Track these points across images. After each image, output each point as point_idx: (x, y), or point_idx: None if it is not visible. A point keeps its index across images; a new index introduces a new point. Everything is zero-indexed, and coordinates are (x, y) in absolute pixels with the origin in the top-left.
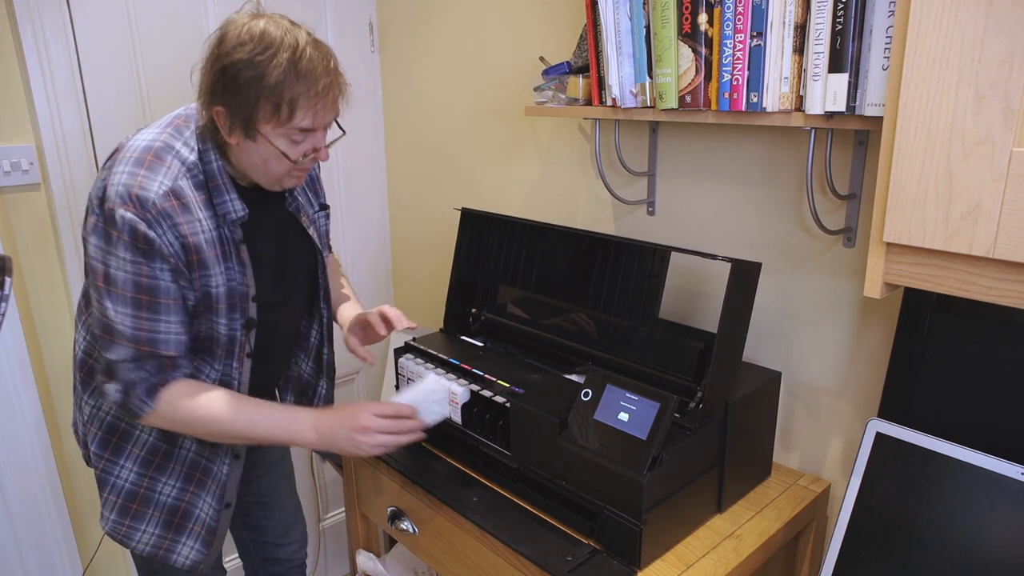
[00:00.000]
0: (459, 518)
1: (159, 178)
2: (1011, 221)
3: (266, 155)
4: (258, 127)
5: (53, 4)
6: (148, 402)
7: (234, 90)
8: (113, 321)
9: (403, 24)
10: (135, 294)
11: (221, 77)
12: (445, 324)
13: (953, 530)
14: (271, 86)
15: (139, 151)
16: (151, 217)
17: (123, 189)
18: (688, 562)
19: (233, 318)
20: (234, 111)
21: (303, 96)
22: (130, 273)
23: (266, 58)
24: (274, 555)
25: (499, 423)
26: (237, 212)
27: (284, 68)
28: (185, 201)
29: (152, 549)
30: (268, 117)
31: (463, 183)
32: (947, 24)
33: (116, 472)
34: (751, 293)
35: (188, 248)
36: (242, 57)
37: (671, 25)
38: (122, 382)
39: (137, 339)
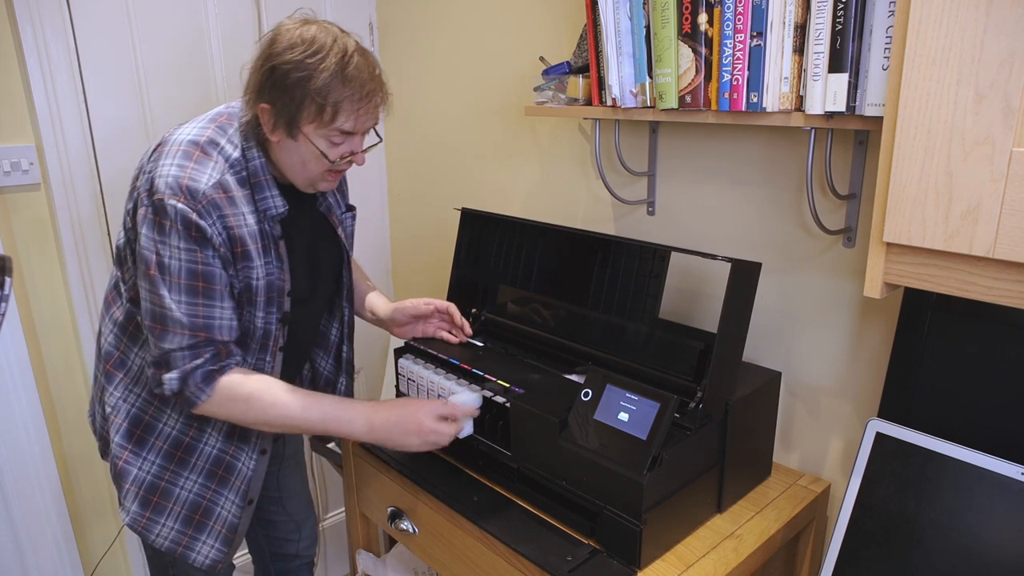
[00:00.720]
0: (459, 518)
1: (207, 171)
2: (1011, 221)
3: (305, 155)
4: (301, 126)
5: (53, 4)
6: (206, 389)
7: (281, 89)
8: (169, 309)
9: (403, 24)
10: (190, 281)
11: (270, 76)
12: None
13: (953, 530)
14: (318, 88)
15: (185, 144)
16: (201, 208)
17: (173, 180)
18: (688, 562)
19: (270, 311)
20: (279, 109)
21: (347, 100)
22: (184, 261)
23: (315, 61)
24: (285, 551)
25: (499, 423)
26: (278, 208)
27: (332, 72)
28: (231, 194)
29: (171, 544)
30: (312, 117)
31: (463, 183)
32: (947, 24)
33: (138, 464)
34: (751, 293)
35: (234, 239)
36: (292, 58)
37: (671, 25)
38: (180, 371)
39: (194, 326)
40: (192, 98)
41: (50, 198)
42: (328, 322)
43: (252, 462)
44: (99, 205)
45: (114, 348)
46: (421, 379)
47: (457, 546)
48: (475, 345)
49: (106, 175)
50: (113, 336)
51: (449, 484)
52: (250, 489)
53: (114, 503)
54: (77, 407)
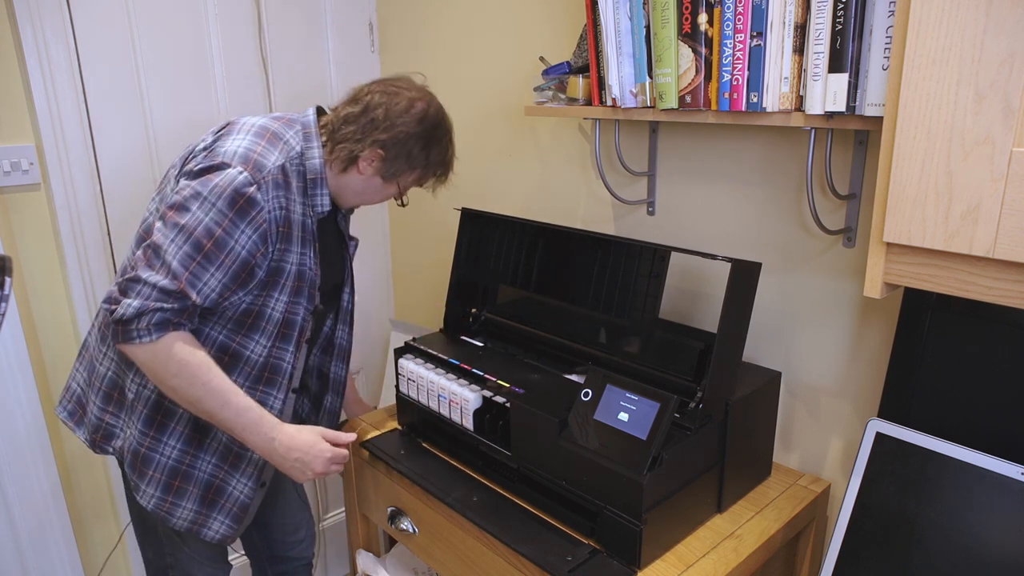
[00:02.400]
0: (459, 518)
1: (275, 153)
2: (1011, 221)
3: (382, 192)
4: (398, 179)
5: (53, 4)
6: (153, 333)
7: (403, 151)
8: (167, 250)
9: (403, 24)
10: (203, 237)
11: (399, 137)
12: (445, 324)
13: (953, 530)
14: (431, 163)
15: (258, 127)
16: (264, 182)
17: (244, 151)
18: (688, 562)
19: (297, 301)
20: (391, 162)
21: (442, 175)
22: (209, 219)
23: (436, 138)
24: (282, 553)
25: (499, 423)
26: (324, 207)
27: (444, 154)
28: (289, 180)
29: (189, 524)
30: (411, 177)
31: (463, 183)
32: (947, 24)
33: (161, 449)
34: (751, 293)
35: (284, 220)
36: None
37: (671, 25)
38: (141, 303)
39: (178, 274)
40: (192, 97)
41: (50, 198)
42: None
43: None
44: (99, 205)
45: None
46: (421, 379)
47: (457, 546)
48: (475, 345)
49: (106, 175)
50: None
51: (449, 484)
52: (263, 473)
53: (114, 503)
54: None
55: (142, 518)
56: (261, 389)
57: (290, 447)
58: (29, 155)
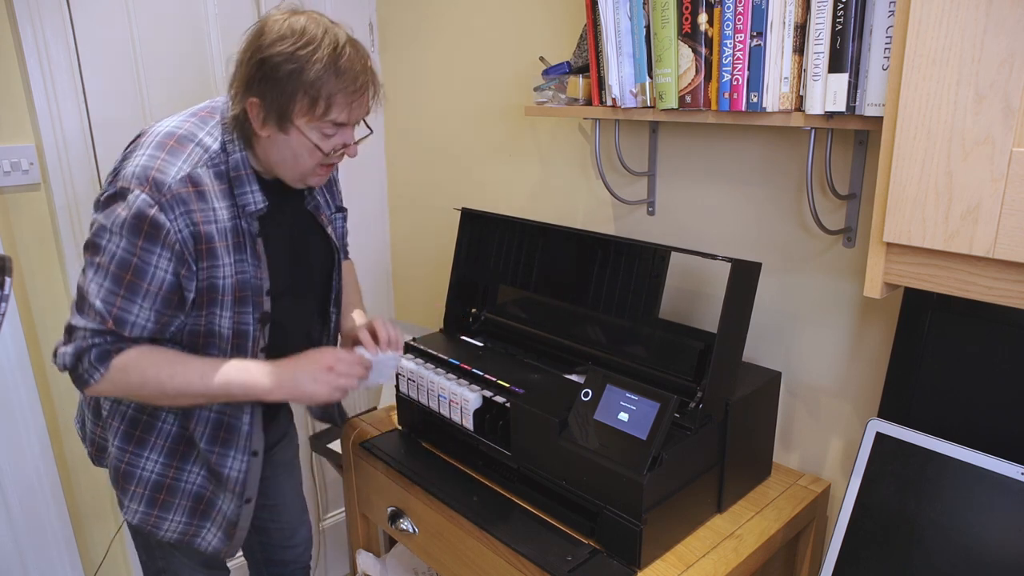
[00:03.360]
0: (459, 518)
1: (178, 163)
2: (1011, 221)
3: (297, 148)
4: (293, 120)
5: (53, 4)
6: (99, 368)
7: (272, 82)
8: (88, 291)
9: (403, 24)
10: (119, 270)
11: (259, 69)
12: (445, 324)
13: (953, 530)
14: (310, 81)
15: (161, 136)
16: (165, 201)
17: (141, 171)
18: (688, 562)
19: (243, 312)
20: (270, 103)
21: (341, 92)
22: (121, 249)
23: (307, 53)
24: (279, 557)
25: (499, 423)
26: (257, 204)
27: (324, 64)
28: (202, 189)
29: (179, 536)
30: (304, 111)
31: (463, 183)
32: (947, 24)
33: (141, 464)
34: (751, 293)
35: (198, 236)
36: (282, 50)
37: (671, 25)
38: (76, 347)
39: (105, 314)
40: (192, 98)
41: (50, 198)
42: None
43: (241, 464)
44: None
45: None
46: (421, 379)
47: (457, 546)
48: (475, 345)
49: (106, 175)
50: None
51: (449, 484)
52: (246, 490)
53: (114, 503)
54: (76, 406)
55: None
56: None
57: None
58: (29, 155)
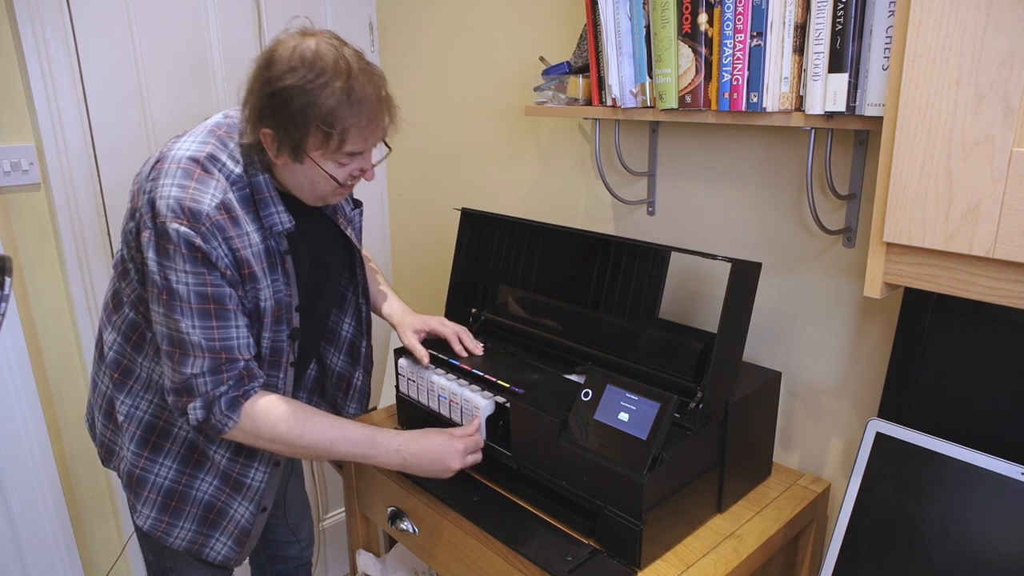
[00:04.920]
0: (459, 518)
1: (210, 191)
2: (1011, 221)
3: (313, 177)
4: (307, 152)
5: (53, 4)
6: (232, 416)
7: (284, 115)
8: (186, 333)
9: (403, 24)
10: (201, 304)
11: (271, 102)
12: None
13: (953, 530)
14: (323, 115)
15: (185, 162)
16: (205, 230)
17: (175, 203)
18: (688, 562)
19: (279, 330)
20: (283, 135)
21: (355, 126)
22: (192, 285)
23: (318, 86)
24: (281, 553)
25: (499, 423)
26: (284, 224)
27: (337, 97)
28: (235, 214)
29: (188, 544)
30: (318, 144)
31: (463, 183)
32: (947, 24)
33: (156, 470)
34: (751, 293)
35: (240, 262)
36: (293, 84)
37: (671, 25)
38: (203, 398)
39: (212, 348)
40: (192, 97)
41: (50, 198)
42: (338, 317)
43: (262, 475)
44: (99, 205)
45: (120, 356)
46: (421, 379)
47: (457, 546)
48: None
49: (106, 175)
50: (118, 345)
51: (449, 484)
52: (264, 499)
53: (114, 504)
54: (77, 407)
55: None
56: None
57: (418, 455)
58: (29, 155)
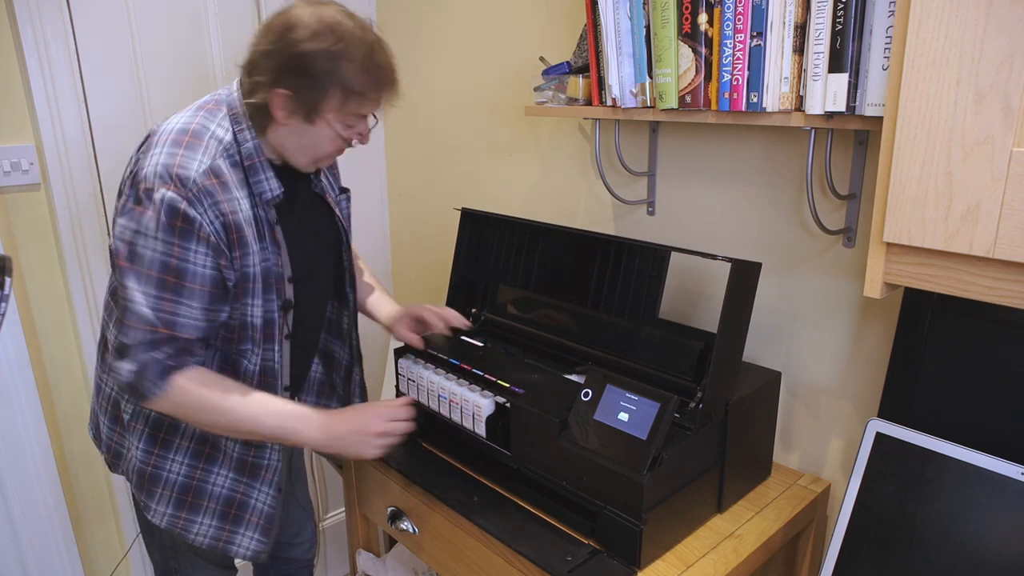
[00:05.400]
0: (459, 518)
1: (198, 156)
2: (1011, 221)
3: (320, 137)
4: (322, 112)
5: (53, 4)
6: (160, 384)
7: (308, 77)
8: (133, 301)
9: (403, 24)
10: (162, 274)
11: (294, 63)
12: None
13: (953, 530)
14: (348, 77)
15: (175, 133)
16: (192, 195)
17: (162, 169)
18: (688, 562)
19: (269, 299)
20: (301, 96)
21: (373, 89)
22: (159, 253)
23: (342, 49)
24: (284, 554)
25: (499, 423)
26: (274, 191)
27: (360, 61)
28: (224, 180)
29: (211, 541)
30: (336, 105)
31: (463, 183)
32: (947, 24)
33: (167, 467)
34: (751, 293)
35: (229, 227)
36: (318, 48)
37: (671, 25)
38: (136, 362)
39: (157, 321)
40: (192, 98)
41: (50, 198)
42: (339, 309)
43: (278, 453)
44: (99, 205)
45: None
46: (421, 379)
47: (457, 546)
48: (475, 345)
49: (106, 175)
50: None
51: (449, 484)
52: (280, 479)
53: (114, 504)
54: (77, 407)
55: (148, 523)
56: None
57: (341, 423)
58: (29, 155)
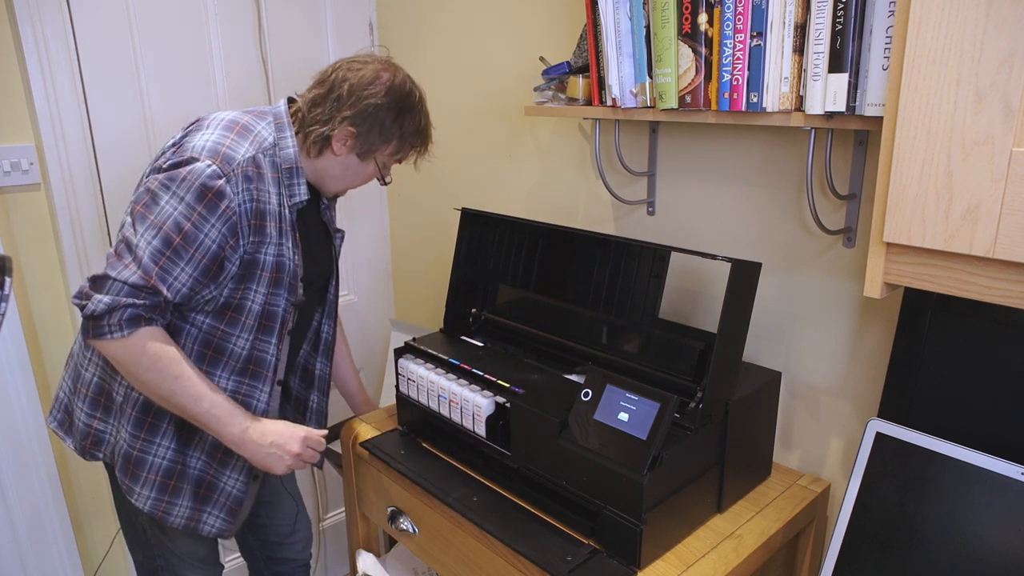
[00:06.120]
0: (459, 518)
1: (246, 145)
2: (1011, 221)
3: (363, 173)
4: (375, 154)
5: (53, 4)
6: (125, 329)
7: (377, 126)
8: (137, 245)
9: (403, 24)
10: (171, 232)
11: (368, 111)
12: (445, 324)
13: (953, 530)
14: (406, 134)
15: (227, 121)
16: (233, 175)
17: (212, 145)
18: (688, 562)
19: (277, 293)
20: (363, 138)
21: (419, 146)
22: (179, 213)
23: (408, 108)
24: (278, 554)
25: (499, 423)
26: (302, 196)
27: (417, 123)
28: (262, 172)
29: (186, 522)
30: (390, 151)
31: (463, 183)
32: (947, 24)
33: (153, 451)
34: (751, 293)
35: (255, 213)
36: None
37: (671, 25)
38: (112, 298)
39: (148, 270)
40: (192, 97)
41: (50, 198)
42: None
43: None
44: (99, 205)
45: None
46: (421, 379)
47: (457, 546)
48: (475, 345)
49: (106, 175)
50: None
51: (449, 484)
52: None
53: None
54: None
55: (131, 522)
56: (247, 383)
57: (264, 433)
58: (29, 155)
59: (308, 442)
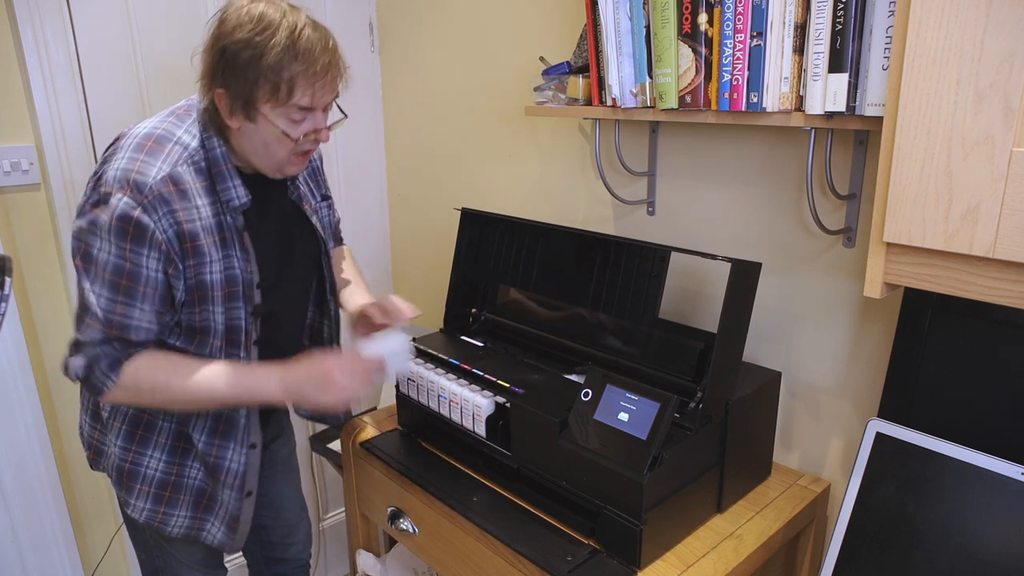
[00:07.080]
0: (459, 518)
1: (158, 163)
2: (1011, 221)
3: (267, 136)
4: (258, 107)
5: (53, 4)
6: (111, 376)
7: (233, 71)
8: (88, 302)
9: (403, 24)
10: (114, 277)
11: (220, 58)
12: (445, 324)
13: (953, 530)
14: (270, 65)
15: (140, 138)
16: (147, 202)
17: (121, 174)
18: (688, 562)
19: (235, 306)
20: (234, 92)
21: (301, 75)
22: (112, 256)
23: (264, 38)
24: (278, 555)
25: (499, 423)
26: (240, 199)
27: (282, 47)
28: (183, 187)
29: (185, 531)
30: (267, 97)
31: (463, 183)
32: (947, 24)
33: (145, 463)
34: (751, 293)
35: (183, 236)
36: (241, 38)
37: (671, 25)
38: (87, 357)
39: (108, 323)
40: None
41: (50, 198)
42: (320, 317)
43: (241, 457)
44: None
45: None
46: (421, 379)
47: (457, 546)
48: (475, 345)
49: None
50: None
51: (449, 484)
52: (245, 483)
53: (114, 503)
54: (77, 407)
55: (132, 521)
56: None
57: (300, 370)
58: (29, 155)
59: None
